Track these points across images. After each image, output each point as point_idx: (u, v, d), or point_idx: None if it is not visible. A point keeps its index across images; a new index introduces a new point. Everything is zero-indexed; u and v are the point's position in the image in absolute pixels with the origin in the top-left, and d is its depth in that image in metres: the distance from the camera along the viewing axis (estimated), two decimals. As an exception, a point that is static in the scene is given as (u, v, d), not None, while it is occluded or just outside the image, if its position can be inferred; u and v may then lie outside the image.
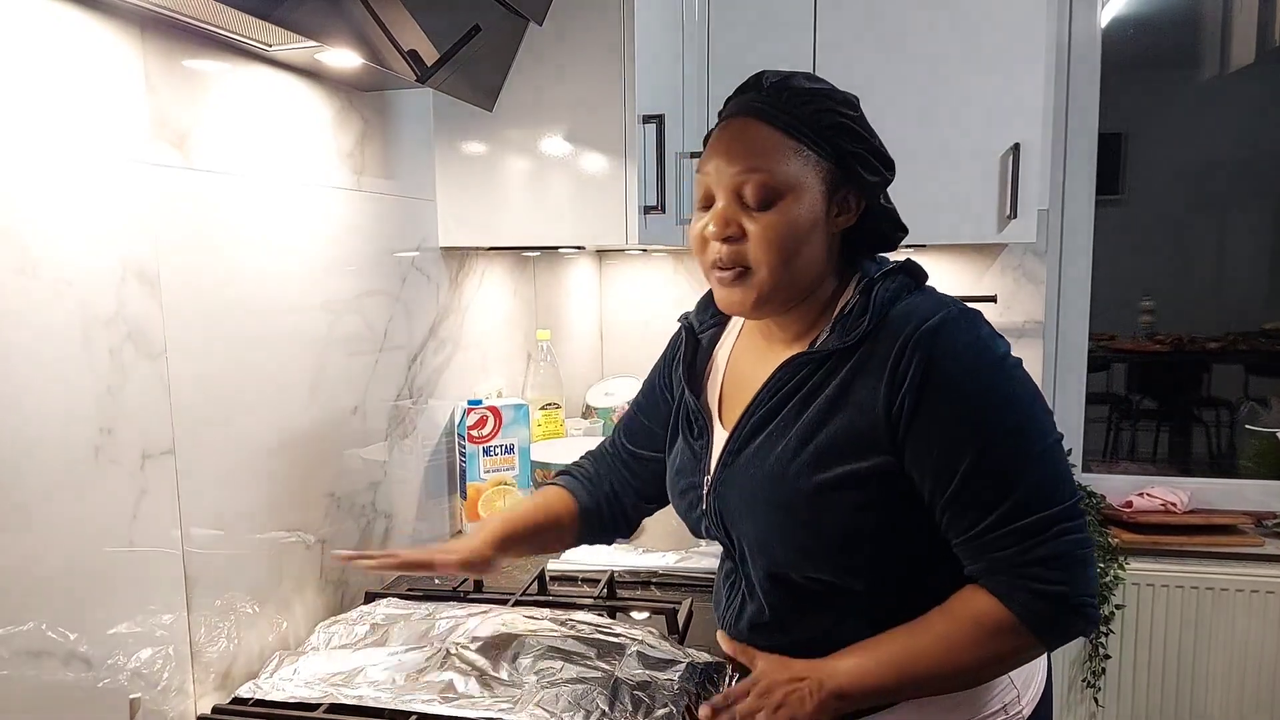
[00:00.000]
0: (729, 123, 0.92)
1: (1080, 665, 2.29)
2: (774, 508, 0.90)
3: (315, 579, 1.20)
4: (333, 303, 1.22)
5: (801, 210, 0.88)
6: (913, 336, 0.84)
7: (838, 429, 0.87)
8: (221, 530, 1.02)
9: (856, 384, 0.87)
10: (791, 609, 0.93)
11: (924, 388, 0.83)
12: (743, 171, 0.88)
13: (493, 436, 1.55)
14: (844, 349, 0.88)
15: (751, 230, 0.88)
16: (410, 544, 1.46)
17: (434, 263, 1.52)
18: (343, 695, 0.94)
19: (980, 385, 0.84)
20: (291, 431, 1.14)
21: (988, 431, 0.83)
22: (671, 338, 1.14)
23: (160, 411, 0.92)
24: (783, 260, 0.88)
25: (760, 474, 0.91)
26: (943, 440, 0.83)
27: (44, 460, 0.79)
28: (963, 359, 0.84)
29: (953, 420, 0.83)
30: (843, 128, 0.89)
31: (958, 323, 0.85)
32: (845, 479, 0.86)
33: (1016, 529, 0.82)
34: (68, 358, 0.81)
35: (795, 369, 0.91)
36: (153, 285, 0.90)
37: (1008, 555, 0.83)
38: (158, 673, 0.93)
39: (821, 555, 0.89)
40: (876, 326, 0.87)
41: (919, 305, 0.87)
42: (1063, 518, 0.83)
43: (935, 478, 0.84)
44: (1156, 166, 3.42)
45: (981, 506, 0.83)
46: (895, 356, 0.84)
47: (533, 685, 0.95)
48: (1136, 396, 3.53)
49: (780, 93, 0.89)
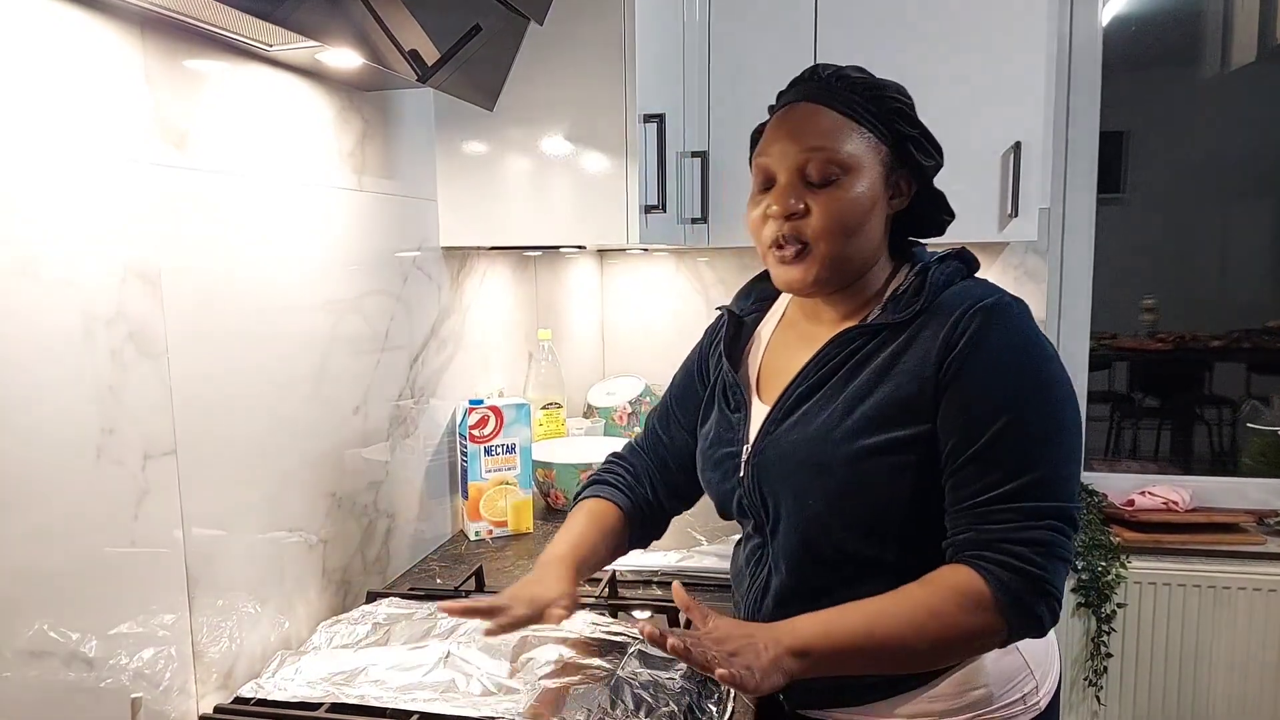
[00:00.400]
0: (791, 108, 0.95)
1: (1082, 664, 2.29)
2: (815, 469, 0.92)
3: (317, 578, 1.20)
4: (334, 302, 1.22)
5: (862, 189, 0.92)
6: (969, 310, 0.88)
7: (884, 396, 0.90)
8: (223, 530, 1.02)
9: (907, 354, 0.90)
10: (820, 582, 0.94)
11: (972, 355, 0.86)
12: (807, 149, 0.92)
13: (494, 436, 1.55)
14: (896, 323, 0.92)
15: (814, 206, 0.92)
16: (411, 543, 1.46)
17: (435, 262, 1.52)
18: (345, 695, 0.94)
19: (1027, 364, 0.87)
20: (293, 431, 1.14)
21: (1025, 406, 0.86)
22: (709, 326, 1.18)
23: (162, 411, 0.92)
24: (844, 236, 0.92)
25: (803, 438, 0.93)
26: (980, 402, 0.86)
27: (46, 460, 0.79)
28: (1013, 338, 0.88)
29: (995, 387, 0.86)
30: (899, 112, 0.94)
31: (1012, 307, 0.89)
32: (888, 445, 0.89)
33: (1019, 508, 0.84)
34: (69, 358, 0.81)
35: (845, 342, 0.95)
36: (154, 285, 0.90)
37: (1000, 529, 0.84)
38: (160, 672, 0.93)
39: (857, 518, 0.91)
40: (930, 305, 0.91)
41: (974, 287, 0.92)
42: (1062, 517, 0.85)
43: (963, 434, 0.86)
44: (1158, 165, 3.42)
45: (997, 472, 0.85)
46: (950, 326, 0.88)
47: (534, 685, 0.95)
48: (1138, 395, 3.53)
49: (839, 80, 0.94)
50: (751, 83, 1.97)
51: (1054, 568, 0.83)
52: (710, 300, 2.49)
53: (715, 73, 2.01)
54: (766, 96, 1.03)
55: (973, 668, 0.93)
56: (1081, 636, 2.28)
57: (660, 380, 2.43)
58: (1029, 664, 0.95)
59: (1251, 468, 2.71)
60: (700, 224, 1.96)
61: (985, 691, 0.93)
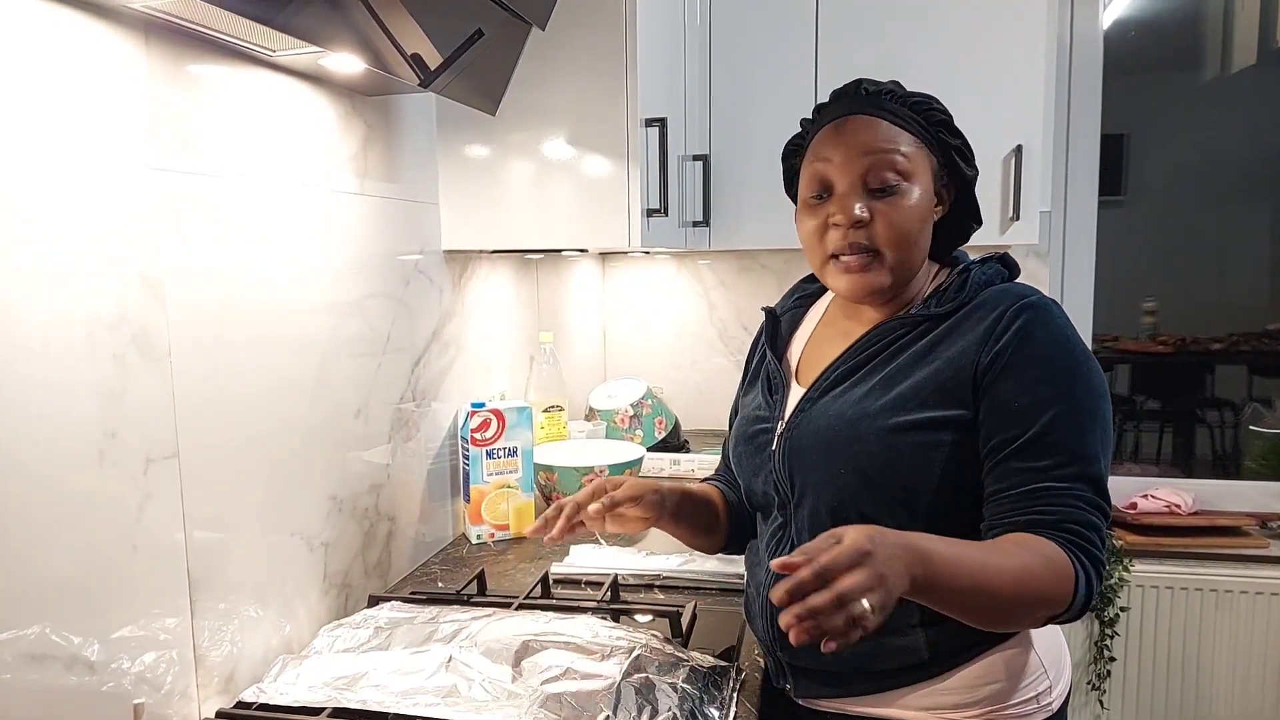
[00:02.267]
0: (846, 121, 0.98)
1: (1086, 668, 2.28)
2: (849, 439, 0.94)
3: (319, 582, 1.20)
4: (336, 305, 1.22)
5: (920, 197, 0.96)
6: (1013, 305, 0.91)
7: (922, 378, 0.93)
8: (224, 533, 1.02)
9: (947, 342, 0.93)
10: None
11: (1021, 347, 0.89)
12: (869, 153, 0.95)
13: (496, 439, 1.55)
14: (937, 315, 0.95)
15: (877, 214, 0.95)
16: (413, 546, 1.46)
17: (437, 265, 1.52)
18: (346, 699, 0.94)
19: (1071, 360, 0.90)
20: (294, 434, 1.14)
21: (1073, 399, 0.88)
22: (751, 342, 1.22)
23: (164, 415, 0.92)
24: (909, 242, 0.96)
25: (838, 413, 0.96)
26: (1030, 393, 0.88)
27: (48, 463, 0.79)
28: (1057, 334, 0.91)
29: (1043, 380, 0.88)
30: (945, 124, 0.99)
31: (1053, 307, 0.92)
32: (923, 423, 0.91)
33: (1079, 494, 0.86)
34: (71, 362, 0.81)
35: (886, 331, 0.98)
36: (156, 289, 0.90)
37: (1066, 511, 0.86)
38: (161, 676, 0.93)
39: (886, 491, 0.93)
40: (971, 300, 0.94)
41: (1014, 287, 0.96)
42: (1103, 508, 0.88)
43: (1011, 425, 0.88)
44: (1159, 167, 3.42)
45: (1054, 460, 0.86)
46: (995, 319, 0.91)
47: (536, 689, 0.95)
48: (1140, 398, 3.53)
49: (885, 95, 0.98)
50: (752, 87, 1.98)
51: (1104, 552, 0.87)
52: (711, 302, 2.49)
53: (716, 77, 2.01)
54: (767, 100, 1.04)
55: (987, 662, 0.94)
56: (1084, 640, 2.27)
57: (661, 383, 2.44)
58: (1044, 663, 0.96)
59: (1254, 470, 2.71)
60: (702, 227, 1.96)
61: (1000, 687, 0.94)
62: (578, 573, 1.39)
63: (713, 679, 1.03)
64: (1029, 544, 0.85)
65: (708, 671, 1.03)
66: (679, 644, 1.10)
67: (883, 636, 0.93)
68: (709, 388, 2.49)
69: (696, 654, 1.07)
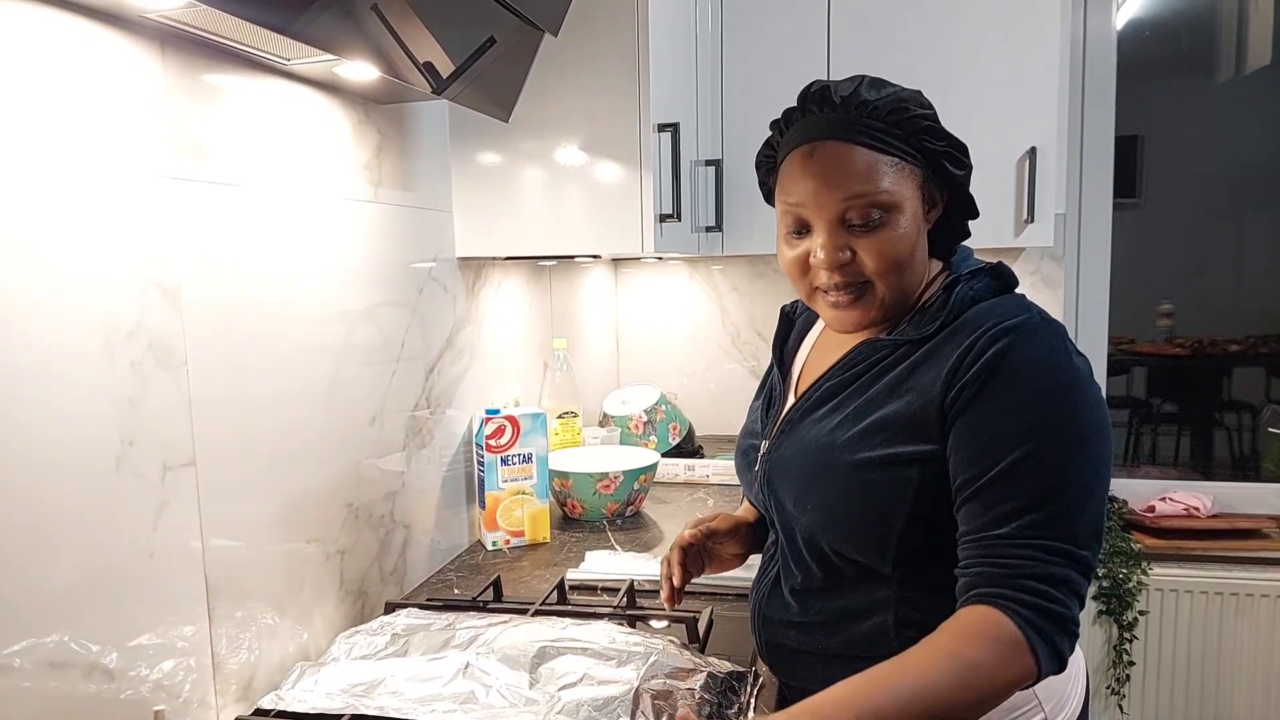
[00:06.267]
0: (816, 148, 0.89)
1: (1104, 672, 2.26)
2: (817, 473, 0.91)
3: (335, 589, 1.20)
4: (350, 313, 1.23)
5: (907, 221, 0.89)
6: (989, 332, 0.84)
7: (894, 410, 0.88)
8: (242, 541, 1.02)
9: (921, 370, 0.88)
10: (821, 583, 0.94)
11: (988, 380, 0.82)
12: (847, 198, 0.88)
13: (510, 446, 1.55)
14: (917, 339, 0.90)
15: (863, 250, 0.89)
16: (429, 553, 1.46)
17: (451, 273, 1.52)
18: (364, 706, 0.94)
19: (1047, 392, 0.82)
20: (310, 442, 1.14)
21: (1044, 436, 0.80)
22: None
23: (181, 423, 0.92)
24: (899, 272, 0.90)
25: (812, 440, 0.93)
26: (993, 429, 0.81)
27: (66, 472, 0.79)
28: (1036, 362, 0.82)
29: (1010, 414, 0.81)
30: (928, 130, 0.90)
31: (1037, 330, 0.84)
32: (889, 459, 0.86)
33: (1036, 544, 0.78)
34: (90, 370, 0.81)
35: (869, 352, 0.94)
36: (173, 298, 0.91)
37: (1019, 564, 0.78)
38: (180, 684, 0.93)
39: (852, 529, 0.90)
40: (953, 321, 0.88)
41: (1000, 307, 0.87)
42: (1081, 563, 0.79)
43: (974, 464, 0.82)
44: (1174, 169, 3.40)
45: (1013, 505, 0.80)
46: (966, 348, 0.84)
47: (553, 695, 0.95)
48: (1157, 400, 3.50)
49: (857, 108, 0.88)
50: (764, 91, 1.98)
51: (1074, 604, 0.79)
52: (724, 308, 2.48)
53: (728, 82, 2.01)
54: (779, 104, 1.01)
55: None
56: (1104, 644, 2.25)
57: (674, 388, 2.44)
58: (1037, 695, 0.90)
59: (1272, 473, 2.68)
60: (714, 232, 1.96)
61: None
62: (593, 578, 1.38)
63: (730, 684, 1.02)
64: (965, 631, 0.77)
65: (725, 677, 1.02)
66: (696, 649, 1.09)
67: (861, 663, 0.89)
68: (722, 393, 2.48)
69: (714, 659, 1.06)
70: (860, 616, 0.92)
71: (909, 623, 0.89)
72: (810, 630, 0.95)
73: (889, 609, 0.90)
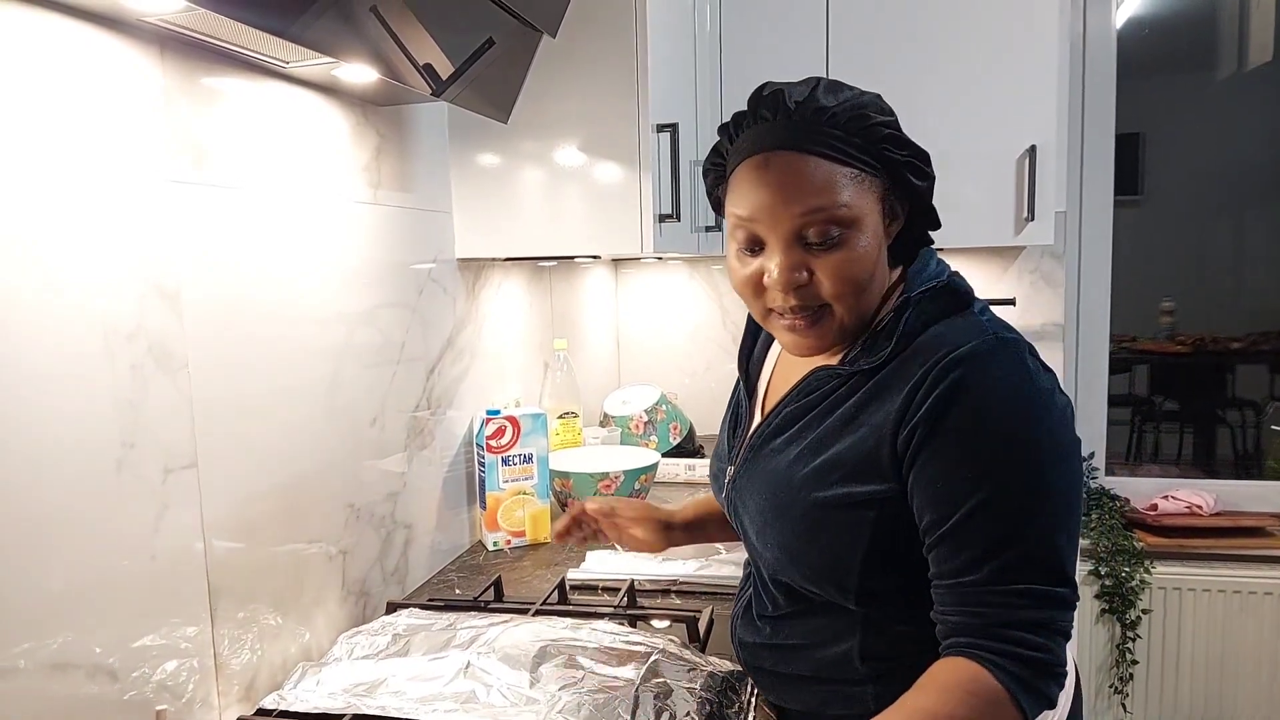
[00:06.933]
0: (769, 159, 0.82)
1: (1107, 671, 2.26)
2: (775, 512, 0.89)
3: (337, 589, 1.20)
4: (350, 315, 1.23)
5: (867, 238, 0.83)
6: (938, 364, 0.79)
7: (846, 448, 0.84)
8: (243, 542, 1.02)
9: (872, 405, 0.84)
10: (791, 608, 0.94)
11: (940, 418, 0.77)
12: (803, 214, 0.81)
13: (511, 446, 1.55)
14: (868, 369, 0.85)
15: (820, 270, 0.83)
16: (430, 554, 1.46)
17: (450, 274, 1.53)
18: (365, 706, 0.94)
19: (1004, 425, 0.77)
20: (310, 443, 1.15)
21: (1002, 476, 0.77)
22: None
23: (181, 425, 0.93)
24: (858, 294, 0.84)
25: (770, 475, 0.91)
26: (950, 474, 0.77)
27: (67, 473, 0.80)
28: (988, 393, 0.77)
29: (967, 456, 0.77)
30: (889, 138, 0.83)
31: (992, 355, 0.79)
32: (843, 499, 0.84)
33: (1010, 590, 0.76)
34: (89, 372, 0.82)
35: (822, 381, 0.90)
36: (173, 300, 0.91)
37: (994, 612, 0.76)
38: (183, 685, 0.94)
39: (810, 568, 0.88)
40: (904, 349, 0.83)
41: (951, 332, 0.82)
42: (1058, 601, 0.77)
43: (934, 510, 0.79)
44: (1175, 166, 3.40)
45: (975, 550, 0.77)
46: (915, 383, 0.79)
47: (554, 695, 0.95)
48: (1159, 398, 3.49)
49: (814, 115, 0.81)
50: (763, 90, 1.98)
51: (1058, 644, 0.77)
52: (724, 307, 2.48)
53: (728, 81, 2.01)
54: None
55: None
56: (1106, 643, 2.25)
57: (675, 388, 2.44)
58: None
59: (1276, 470, 2.68)
60: (714, 232, 1.96)
61: None
62: (594, 578, 1.39)
63: (730, 684, 1.02)
64: (944, 689, 0.76)
65: (725, 676, 1.03)
66: (696, 649, 1.10)
67: (830, 685, 0.91)
68: (723, 393, 2.46)
69: (715, 659, 1.06)
70: (826, 644, 0.91)
71: (874, 653, 0.88)
72: (782, 653, 0.95)
73: (853, 637, 0.89)
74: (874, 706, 0.83)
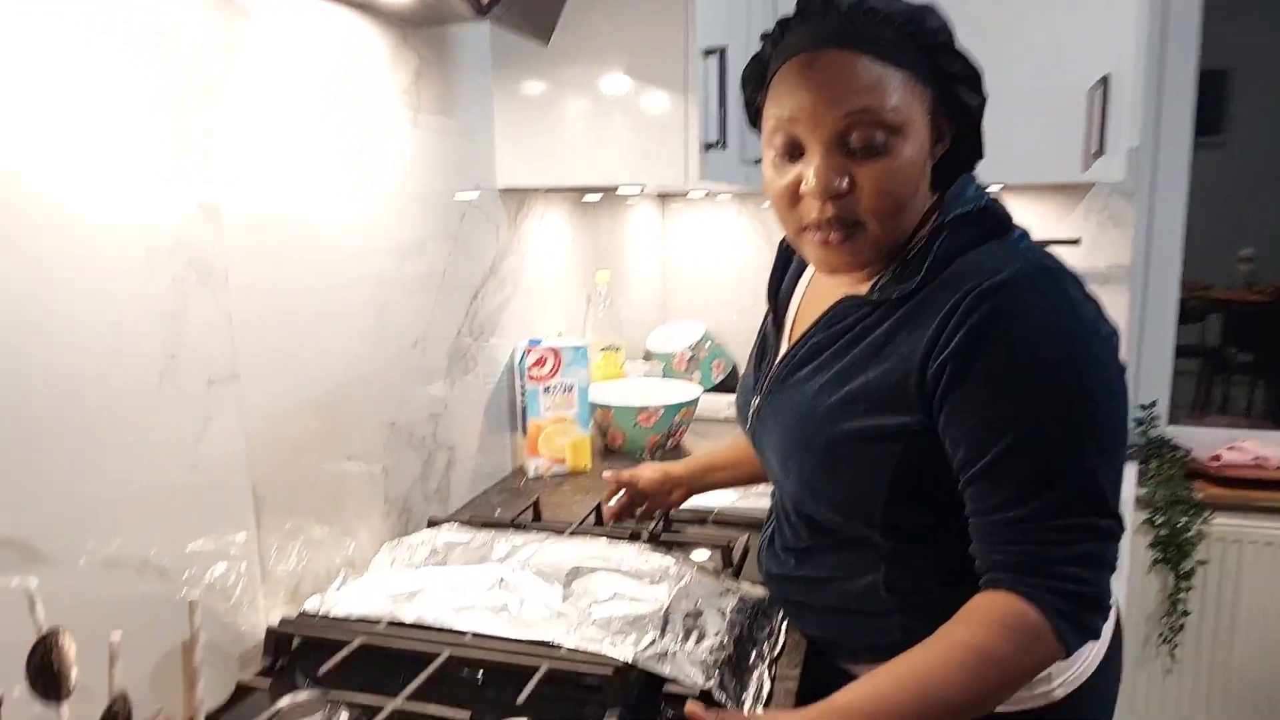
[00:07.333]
0: (815, 58, 0.79)
1: (1158, 621, 2.22)
2: (798, 445, 0.88)
3: (380, 505, 1.23)
4: (390, 238, 1.24)
5: (912, 149, 0.79)
6: (971, 293, 0.75)
7: (873, 378, 0.82)
8: (286, 455, 1.05)
9: (901, 335, 0.81)
10: (811, 541, 0.93)
11: (973, 352, 0.74)
12: (848, 114, 0.77)
13: (552, 376, 1.56)
14: (898, 298, 0.82)
15: (861, 179, 0.79)
16: (472, 477, 1.49)
17: (493, 202, 1.52)
18: (403, 612, 0.97)
19: (1043, 357, 0.73)
20: (351, 363, 1.17)
21: (1043, 410, 0.73)
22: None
23: (222, 339, 0.95)
24: (895, 211, 0.80)
25: (794, 407, 0.89)
26: (986, 410, 0.74)
27: (111, 384, 0.82)
28: (1026, 324, 0.74)
29: (1003, 391, 0.74)
30: (942, 46, 0.79)
31: (1030, 283, 0.75)
32: (868, 432, 0.81)
33: (1053, 525, 0.74)
34: (131, 283, 0.83)
35: (851, 309, 0.87)
36: (213, 216, 0.93)
37: (1038, 549, 0.74)
38: (231, 587, 0.98)
39: (833, 502, 0.87)
40: (934, 278, 0.80)
41: (986, 259, 0.78)
42: (1103, 533, 0.75)
43: (969, 447, 0.76)
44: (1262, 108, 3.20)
45: (1023, 487, 0.74)
46: (947, 313, 0.76)
47: (584, 610, 0.96)
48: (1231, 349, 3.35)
49: (866, 14, 0.78)
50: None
51: (1103, 577, 0.75)
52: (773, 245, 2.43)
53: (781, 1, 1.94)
54: None
55: None
56: (1158, 593, 2.20)
57: (721, 325, 2.42)
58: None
59: (1353, 425, 2.56)
60: (763, 165, 1.92)
61: None
62: (631, 506, 1.39)
63: (762, 609, 1.02)
64: (986, 623, 0.74)
65: (757, 601, 1.03)
66: (730, 574, 1.10)
67: (857, 616, 0.90)
68: (771, 332, 2.46)
69: (747, 584, 1.07)
70: (852, 576, 0.90)
71: (900, 585, 0.86)
72: (808, 584, 0.94)
73: (878, 570, 0.87)
74: (900, 636, 0.83)
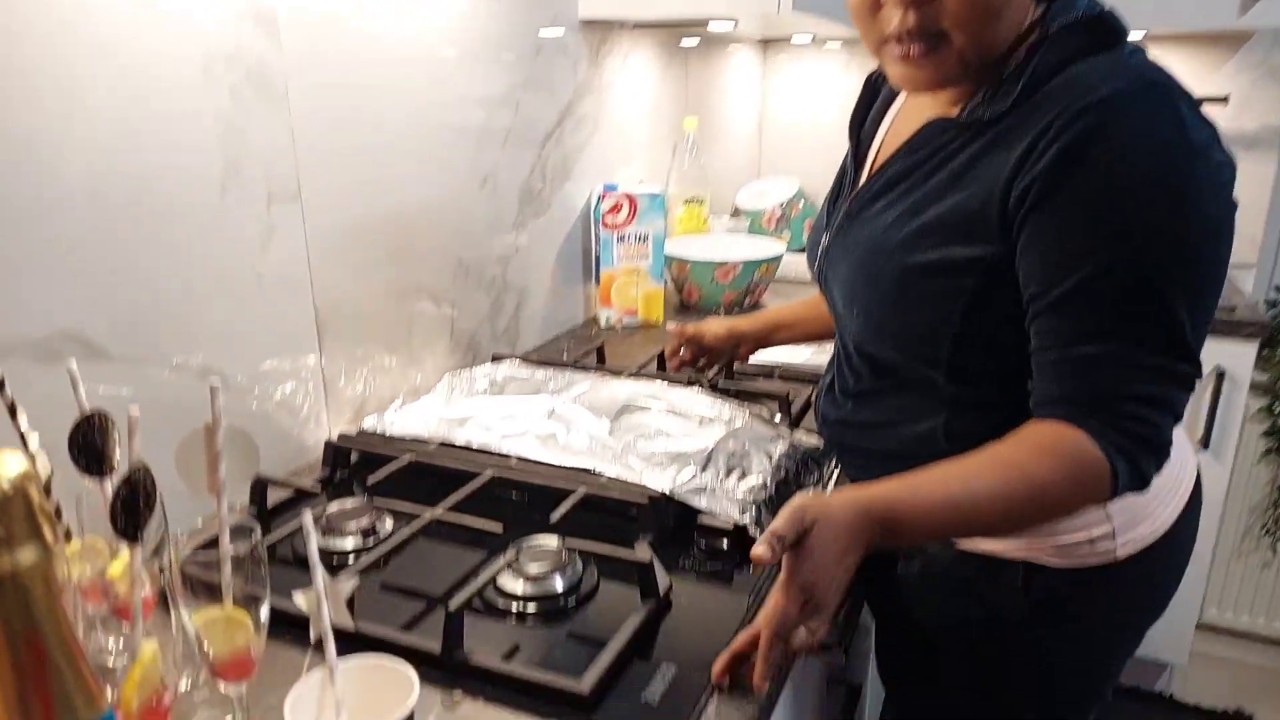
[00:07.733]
0: None
1: (1262, 512, 2.09)
2: (866, 280, 0.83)
3: (445, 338, 1.26)
4: (455, 62, 1.20)
5: None
6: (1067, 110, 0.68)
7: (950, 206, 0.75)
8: (350, 278, 1.07)
9: (988, 158, 0.74)
10: (875, 384, 0.88)
11: (1064, 171, 0.67)
12: None
13: (627, 224, 1.53)
14: (989, 119, 0.75)
15: None
16: (542, 322, 1.50)
17: (572, 35, 1.46)
18: (454, 434, 1.00)
19: (1143, 186, 0.66)
20: (415, 190, 1.16)
21: (1130, 240, 0.67)
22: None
23: (284, 155, 0.95)
24: (984, 21, 0.72)
25: (865, 239, 0.84)
26: (1069, 235, 0.68)
27: (173, 187, 0.84)
28: (1126, 143, 0.66)
29: (1094, 215, 0.67)
30: None
31: (1137, 99, 0.67)
32: (940, 265, 0.76)
33: (1133, 364, 0.69)
34: (189, 92, 0.84)
35: (935, 134, 0.80)
36: (270, 27, 0.91)
37: (1107, 384, 0.69)
38: (299, 405, 1.02)
39: (897, 340, 0.82)
40: (1031, 95, 0.72)
41: (1090, 73, 0.70)
42: (1179, 379, 0.70)
43: (1050, 271, 0.70)
44: None
45: (1098, 323, 0.69)
46: (1039, 132, 0.69)
47: (629, 443, 0.97)
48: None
49: None
50: None
51: (1168, 423, 0.70)
52: (879, 99, 2.28)
53: None
54: None
55: None
56: (1266, 484, 2.07)
57: (817, 182, 2.31)
58: (1108, 512, 0.80)
59: None
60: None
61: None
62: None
63: (811, 457, 1.00)
64: (1039, 448, 0.70)
65: (809, 450, 1.01)
66: (785, 424, 1.08)
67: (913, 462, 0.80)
68: (870, 194, 2.33)
69: (801, 434, 1.05)
70: (911, 420, 0.85)
71: (960, 432, 0.81)
72: (864, 429, 0.90)
73: (939, 415, 0.82)
74: (945, 445, 0.81)
